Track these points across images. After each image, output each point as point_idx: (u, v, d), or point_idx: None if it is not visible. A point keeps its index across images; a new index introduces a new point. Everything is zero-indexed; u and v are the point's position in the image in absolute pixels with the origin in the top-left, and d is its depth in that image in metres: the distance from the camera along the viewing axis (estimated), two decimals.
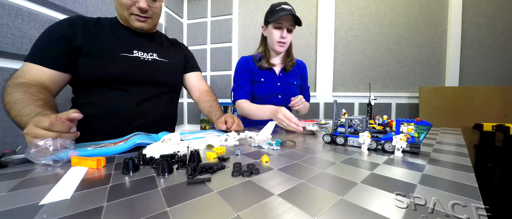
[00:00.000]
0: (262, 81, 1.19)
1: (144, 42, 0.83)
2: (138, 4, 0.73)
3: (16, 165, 0.39)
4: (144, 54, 0.80)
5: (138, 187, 0.29)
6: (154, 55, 0.83)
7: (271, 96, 1.20)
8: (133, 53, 0.77)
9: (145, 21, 0.78)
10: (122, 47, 0.76)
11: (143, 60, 0.79)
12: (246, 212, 0.22)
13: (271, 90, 1.19)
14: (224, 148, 0.49)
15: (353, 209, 0.23)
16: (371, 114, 0.63)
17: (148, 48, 0.83)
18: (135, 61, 0.77)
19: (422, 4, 1.85)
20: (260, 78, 1.19)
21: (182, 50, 1.00)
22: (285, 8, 1.05)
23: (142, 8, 0.74)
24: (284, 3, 1.07)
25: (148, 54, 0.81)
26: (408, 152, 0.46)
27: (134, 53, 0.78)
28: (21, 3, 1.00)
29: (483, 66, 1.74)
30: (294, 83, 1.23)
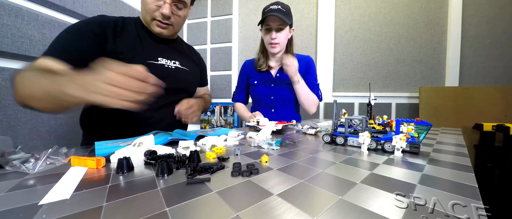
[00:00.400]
0: (256, 84, 1.23)
1: (167, 49, 0.83)
2: (162, 10, 0.71)
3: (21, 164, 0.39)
4: (168, 61, 0.81)
5: (137, 187, 0.29)
6: (177, 63, 0.84)
7: (264, 97, 1.22)
8: (158, 61, 0.78)
9: (166, 28, 0.77)
10: (148, 54, 0.76)
11: (167, 67, 0.80)
12: (245, 212, 0.22)
13: (264, 92, 1.21)
14: (224, 148, 0.49)
15: (352, 209, 0.23)
16: (371, 114, 0.63)
17: (171, 56, 0.84)
18: (160, 68, 0.78)
19: (422, 4, 1.85)
20: (254, 81, 1.23)
21: (199, 61, 1.02)
22: (273, 8, 1.04)
23: (165, 15, 0.72)
24: (275, 2, 1.07)
25: (171, 61, 0.82)
26: (408, 152, 0.46)
27: (159, 60, 0.78)
28: (21, 3, 1.00)
29: (483, 66, 1.74)
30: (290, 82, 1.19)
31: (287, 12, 1.06)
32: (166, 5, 0.71)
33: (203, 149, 0.51)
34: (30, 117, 1.00)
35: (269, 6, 1.06)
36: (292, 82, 1.11)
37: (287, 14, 1.06)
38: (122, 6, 1.51)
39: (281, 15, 1.02)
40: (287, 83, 1.18)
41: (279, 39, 1.09)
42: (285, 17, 1.03)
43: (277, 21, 1.04)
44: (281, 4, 1.06)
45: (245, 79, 1.28)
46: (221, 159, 0.42)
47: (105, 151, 0.46)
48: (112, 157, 0.41)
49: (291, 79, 1.10)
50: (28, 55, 1.00)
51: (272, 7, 1.04)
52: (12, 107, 0.95)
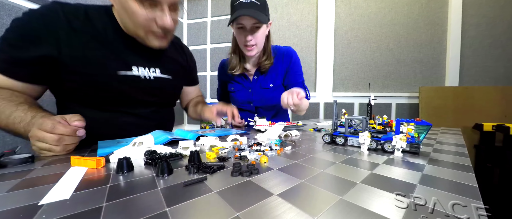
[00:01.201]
0: (233, 90, 1.07)
1: (145, 54, 0.67)
2: (162, 22, 0.56)
3: (16, 165, 0.39)
4: (145, 71, 0.66)
5: (137, 187, 0.29)
6: (157, 71, 0.70)
7: (244, 105, 1.08)
8: (132, 70, 0.63)
9: (166, 38, 0.64)
10: (120, 62, 0.61)
11: (143, 79, 0.66)
12: (245, 212, 0.22)
13: (242, 99, 1.06)
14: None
15: (353, 209, 0.23)
16: (371, 114, 0.63)
17: (150, 61, 0.68)
18: (134, 81, 0.64)
19: (422, 4, 1.85)
20: (231, 87, 1.06)
21: (187, 58, 0.88)
22: (244, 2, 0.80)
23: (167, 28, 0.58)
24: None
25: (149, 70, 0.68)
26: (408, 152, 0.46)
27: (133, 70, 0.64)
28: (21, 3, 1.00)
29: (483, 66, 1.74)
30: (269, 86, 1.02)
31: (262, 5, 0.84)
32: (166, 16, 0.56)
33: (203, 149, 0.51)
34: None
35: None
36: None
37: (262, 8, 0.84)
38: None
39: (255, 12, 0.80)
40: (264, 88, 1.02)
41: (256, 39, 0.88)
42: (261, 14, 0.82)
43: (252, 20, 0.83)
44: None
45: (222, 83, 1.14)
46: (221, 159, 0.42)
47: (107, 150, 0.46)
48: (112, 157, 0.41)
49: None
50: None
51: (242, 0, 0.81)
52: None
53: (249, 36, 0.86)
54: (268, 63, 1.00)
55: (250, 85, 1.03)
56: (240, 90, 1.05)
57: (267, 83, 1.02)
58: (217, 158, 0.42)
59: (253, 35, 0.87)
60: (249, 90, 1.03)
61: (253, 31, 0.86)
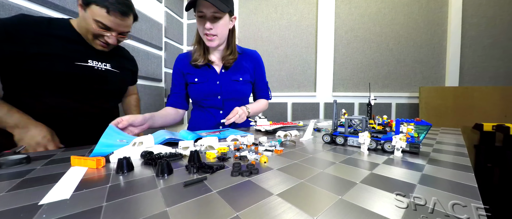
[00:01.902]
0: (196, 81, 0.98)
1: (98, 52, 0.83)
2: (108, 39, 0.77)
3: (10, 166, 0.39)
4: (99, 63, 0.83)
5: (137, 187, 0.29)
6: (108, 65, 0.86)
7: (209, 98, 0.99)
8: (87, 63, 0.79)
9: (107, 48, 0.82)
10: (77, 56, 0.77)
11: (97, 69, 0.82)
12: (245, 212, 0.22)
13: (208, 91, 0.98)
14: (227, 148, 0.48)
15: (352, 209, 0.23)
16: (371, 114, 0.63)
17: (102, 58, 0.85)
18: (89, 70, 0.79)
19: (422, 4, 1.85)
20: (194, 78, 0.98)
21: (131, 65, 1.04)
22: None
23: (109, 43, 0.78)
24: None
25: (102, 63, 0.84)
26: (407, 152, 0.46)
27: (88, 62, 0.79)
28: (21, 3, 1.00)
29: (483, 66, 1.74)
30: (239, 79, 1.00)
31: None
32: (112, 37, 0.77)
33: (201, 150, 0.51)
34: None
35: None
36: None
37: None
38: None
39: (215, 1, 0.79)
40: (235, 80, 1.00)
41: (216, 29, 0.86)
42: (221, 3, 0.80)
43: (211, 8, 0.81)
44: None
45: (180, 77, 1.02)
46: (221, 159, 0.42)
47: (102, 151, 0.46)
48: (112, 157, 0.41)
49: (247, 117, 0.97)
50: None
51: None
52: None
53: (207, 24, 0.84)
54: (232, 58, 0.99)
55: (218, 78, 0.99)
56: (206, 82, 0.98)
57: (237, 76, 1.01)
58: (217, 158, 0.42)
59: (213, 24, 0.85)
60: (216, 82, 0.99)
61: (213, 20, 0.85)
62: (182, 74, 1.01)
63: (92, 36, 0.76)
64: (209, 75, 0.98)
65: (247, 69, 1.04)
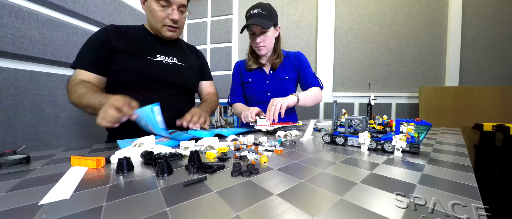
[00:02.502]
0: (250, 81, 1.24)
1: (166, 48, 0.93)
2: (171, 16, 0.83)
3: (10, 166, 0.39)
4: (166, 58, 0.90)
5: (137, 187, 0.29)
6: (174, 59, 0.93)
7: (260, 95, 1.23)
8: (156, 57, 0.87)
9: (175, 31, 0.88)
10: (148, 51, 0.86)
11: (164, 63, 0.89)
12: (245, 212, 0.22)
13: (259, 89, 1.22)
14: (227, 148, 0.48)
15: (352, 209, 0.23)
16: (371, 114, 0.63)
17: (170, 53, 0.93)
18: (157, 64, 0.87)
19: (422, 4, 1.85)
20: (249, 79, 1.25)
21: (199, 58, 1.12)
22: (253, 13, 1.06)
23: (175, 19, 0.84)
24: (254, 6, 1.08)
25: (169, 58, 0.91)
26: (408, 152, 0.46)
27: (157, 57, 0.87)
28: (21, 3, 1.00)
29: (483, 66, 1.74)
30: (285, 78, 1.22)
31: (268, 14, 1.07)
32: (175, 12, 0.83)
33: (201, 150, 0.51)
34: (30, 117, 1.00)
35: (250, 11, 1.08)
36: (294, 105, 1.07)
37: (268, 15, 1.07)
38: (122, 6, 1.51)
39: (261, 21, 1.04)
40: (281, 79, 1.20)
41: (264, 41, 1.11)
42: (266, 21, 1.05)
43: (258, 27, 1.06)
44: (261, 6, 1.07)
45: (238, 78, 1.30)
46: (221, 159, 0.42)
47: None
48: (112, 157, 0.41)
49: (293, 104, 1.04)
50: (28, 55, 1.00)
51: (252, 12, 1.07)
52: (12, 107, 0.95)
53: (257, 39, 1.10)
54: (278, 61, 1.21)
55: (268, 77, 1.22)
56: (257, 81, 1.23)
57: (283, 75, 1.22)
58: (217, 158, 0.42)
59: (261, 37, 1.10)
60: (266, 82, 1.22)
61: (261, 34, 1.09)
62: (240, 76, 1.29)
63: (161, 24, 0.84)
64: (260, 75, 1.23)
65: (291, 68, 1.25)
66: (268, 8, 1.09)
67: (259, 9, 1.06)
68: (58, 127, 1.10)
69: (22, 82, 0.98)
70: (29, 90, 1.00)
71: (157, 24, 0.85)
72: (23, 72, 0.99)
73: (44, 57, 1.05)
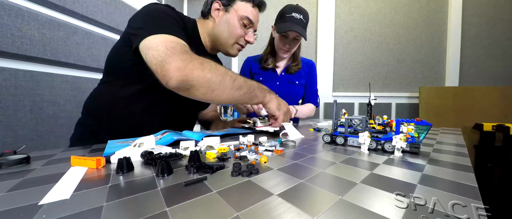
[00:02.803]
0: (261, 80, 1.20)
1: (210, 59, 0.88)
2: (248, 38, 0.80)
3: (10, 166, 0.38)
4: None
5: (137, 187, 0.29)
6: None
7: None
8: None
9: (240, 50, 0.85)
10: None
11: None
12: (245, 212, 0.22)
13: None
14: (227, 148, 0.48)
15: (352, 209, 0.23)
16: (371, 114, 0.63)
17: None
18: None
19: (422, 4, 1.85)
20: (259, 77, 1.21)
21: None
22: (295, 17, 0.99)
23: (251, 42, 0.81)
24: (296, 8, 1.01)
25: None
26: (408, 152, 0.46)
27: None
28: (21, 3, 1.00)
29: (483, 66, 1.74)
30: (296, 82, 1.21)
31: (307, 23, 1.04)
32: (251, 34, 0.81)
33: (201, 150, 0.51)
34: (30, 117, 1.00)
35: (291, 13, 1.00)
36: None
37: (306, 25, 1.03)
38: (122, 6, 1.51)
39: (302, 30, 0.99)
40: (292, 83, 1.19)
41: (292, 48, 1.09)
42: (305, 31, 1.01)
43: (296, 34, 1.01)
44: (303, 13, 1.01)
45: (247, 75, 1.26)
46: (221, 159, 0.42)
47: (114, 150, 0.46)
48: (112, 157, 0.41)
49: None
50: (28, 55, 1.00)
51: (294, 15, 1.00)
52: (12, 107, 0.95)
53: (287, 45, 1.07)
54: (297, 68, 1.20)
55: (278, 79, 1.20)
56: (267, 81, 1.20)
57: (294, 79, 1.20)
58: (217, 158, 0.42)
59: (291, 44, 1.07)
60: (276, 83, 1.19)
61: (292, 41, 1.07)
62: (250, 72, 1.24)
63: (233, 41, 0.78)
64: (271, 76, 1.20)
65: (303, 75, 1.23)
66: (308, 17, 1.04)
67: (302, 16, 1.00)
68: (58, 127, 1.10)
69: (22, 82, 0.98)
70: (29, 90, 1.00)
71: (229, 39, 0.78)
72: (23, 72, 0.99)
73: (44, 57, 1.05)
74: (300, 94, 1.23)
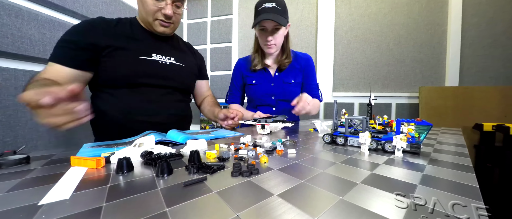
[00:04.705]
0: (254, 83, 1.15)
1: (162, 46, 0.86)
2: (164, 10, 0.75)
3: (10, 166, 0.38)
4: (163, 57, 0.84)
5: (137, 188, 0.29)
6: (172, 59, 0.87)
7: (264, 97, 1.15)
8: (152, 56, 0.80)
9: (168, 27, 0.81)
10: (142, 50, 0.79)
11: (161, 63, 0.82)
12: (245, 213, 0.22)
13: (263, 92, 1.14)
14: (225, 149, 0.48)
15: (353, 209, 0.23)
16: (371, 114, 0.63)
17: (166, 52, 0.86)
18: (153, 64, 0.80)
19: (422, 4, 1.85)
20: (252, 80, 1.16)
21: (196, 57, 1.04)
22: (266, 7, 0.93)
23: (168, 15, 0.76)
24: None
25: (166, 57, 0.85)
26: (408, 152, 0.46)
27: (152, 56, 0.81)
28: (21, 3, 1.00)
29: (483, 66, 1.74)
30: (291, 82, 1.14)
31: (283, 10, 0.97)
32: (168, 6, 0.75)
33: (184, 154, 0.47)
34: (30, 117, 1.00)
35: (262, 4, 0.95)
36: None
37: (282, 12, 0.96)
38: (122, 6, 1.51)
39: (276, 17, 0.92)
40: (287, 82, 1.14)
41: (275, 40, 1.02)
42: (281, 18, 0.94)
43: (272, 23, 0.95)
44: (276, 0, 0.95)
45: (239, 79, 1.21)
46: (221, 159, 0.41)
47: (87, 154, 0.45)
48: (112, 157, 0.41)
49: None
50: (28, 55, 1.00)
51: (266, 5, 0.94)
52: (12, 107, 0.95)
53: (269, 37, 0.99)
54: (287, 61, 1.12)
55: (272, 79, 1.14)
56: (262, 83, 1.14)
57: (289, 78, 1.14)
58: (217, 158, 0.42)
59: (273, 35, 1.00)
60: (271, 84, 1.14)
61: (273, 32, 0.99)
62: (242, 76, 1.19)
63: (152, 18, 0.77)
64: (265, 77, 1.14)
65: (299, 72, 1.16)
66: (282, 3, 0.97)
67: (274, 3, 0.93)
68: None
69: (22, 82, 0.98)
70: None
71: (148, 17, 0.77)
72: (23, 72, 0.99)
73: (44, 57, 1.04)
74: (297, 93, 1.15)
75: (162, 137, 0.58)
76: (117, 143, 0.56)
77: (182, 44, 1.00)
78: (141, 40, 0.80)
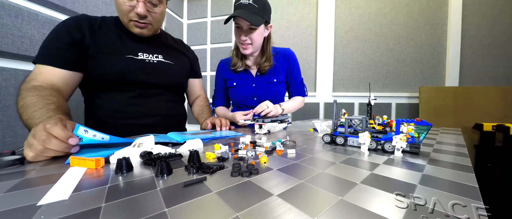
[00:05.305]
0: (235, 85, 1.09)
1: (149, 44, 0.82)
2: (136, 10, 0.69)
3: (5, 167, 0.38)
4: (150, 56, 0.80)
5: (136, 188, 0.29)
6: (160, 56, 0.83)
7: (247, 99, 1.10)
8: (138, 56, 0.77)
9: (145, 27, 0.76)
10: (128, 49, 0.76)
11: (148, 62, 0.79)
12: (245, 213, 0.22)
13: (245, 93, 1.09)
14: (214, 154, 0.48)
15: (353, 209, 0.23)
16: (371, 114, 0.63)
17: (154, 50, 0.82)
18: (140, 63, 0.77)
19: (422, 4, 1.85)
20: (233, 82, 1.10)
21: (188, 54, 0.99)
22: (243, 3, 0.85)
23: (140, 14, 0.70)
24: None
25: (153, 55, 0.81)
26: (408, 152, 0.46)
27: (139, 55, 0.78)
28: (21, 3, 1.00)
29: (483, 66, 1.74)
30: (274, 81, 1.08)
31: (261, 8, 0.87)
32: (139, 4, 0.69)
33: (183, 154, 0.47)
34: None
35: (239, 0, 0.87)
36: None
37: (260, 10, 0.87)
38: None
39: (250, 15, 0.84)
40: (269, 82, 1.08)
41: (251, 39, 0.93)
42: (256, 17, 0.85)
43: (246, 22, 0.86)
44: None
45: (222, 82, 1.15)
46: (221, 159, 0.41)
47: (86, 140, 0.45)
48: (111, 157, 0.41)
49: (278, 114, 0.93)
50: (28, 55, 1.00)
51: (242, 1, 0.86)
52: (12, 107, 0.95)
53: (243, 36, 0.92)
54: (267, 65, 1.05)
55: (254, 81, 1.08)
56: (243, 85, 1.08)
57: (271, 78, 1.07)
58: (216, 158, 0.42)
59: (248, 35, 0.92)
60: (253, 85, 1.08)
61: (248, 32, 0.91)
62: (223, 79, 1.13)
63: (126, 19, 0.72)
64: (246, 78, 1.08)
65: (281, 70, 1.09)
66: (261, 1, 0.88)
67: (251, 0, 0.85)
68: None
69: None
70: None
71: (123, 18, 0.73)
72: (23, 72, 0.99)
73: None
74: (281, 92, 1.11)
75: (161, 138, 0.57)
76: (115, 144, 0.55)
77: (172, 41, 0.95)
78: (126, 39, 0.77)
